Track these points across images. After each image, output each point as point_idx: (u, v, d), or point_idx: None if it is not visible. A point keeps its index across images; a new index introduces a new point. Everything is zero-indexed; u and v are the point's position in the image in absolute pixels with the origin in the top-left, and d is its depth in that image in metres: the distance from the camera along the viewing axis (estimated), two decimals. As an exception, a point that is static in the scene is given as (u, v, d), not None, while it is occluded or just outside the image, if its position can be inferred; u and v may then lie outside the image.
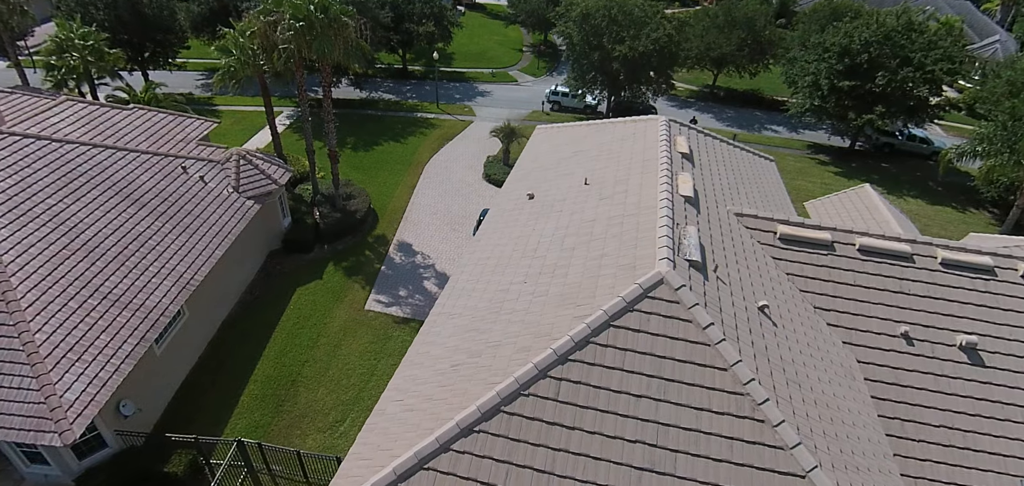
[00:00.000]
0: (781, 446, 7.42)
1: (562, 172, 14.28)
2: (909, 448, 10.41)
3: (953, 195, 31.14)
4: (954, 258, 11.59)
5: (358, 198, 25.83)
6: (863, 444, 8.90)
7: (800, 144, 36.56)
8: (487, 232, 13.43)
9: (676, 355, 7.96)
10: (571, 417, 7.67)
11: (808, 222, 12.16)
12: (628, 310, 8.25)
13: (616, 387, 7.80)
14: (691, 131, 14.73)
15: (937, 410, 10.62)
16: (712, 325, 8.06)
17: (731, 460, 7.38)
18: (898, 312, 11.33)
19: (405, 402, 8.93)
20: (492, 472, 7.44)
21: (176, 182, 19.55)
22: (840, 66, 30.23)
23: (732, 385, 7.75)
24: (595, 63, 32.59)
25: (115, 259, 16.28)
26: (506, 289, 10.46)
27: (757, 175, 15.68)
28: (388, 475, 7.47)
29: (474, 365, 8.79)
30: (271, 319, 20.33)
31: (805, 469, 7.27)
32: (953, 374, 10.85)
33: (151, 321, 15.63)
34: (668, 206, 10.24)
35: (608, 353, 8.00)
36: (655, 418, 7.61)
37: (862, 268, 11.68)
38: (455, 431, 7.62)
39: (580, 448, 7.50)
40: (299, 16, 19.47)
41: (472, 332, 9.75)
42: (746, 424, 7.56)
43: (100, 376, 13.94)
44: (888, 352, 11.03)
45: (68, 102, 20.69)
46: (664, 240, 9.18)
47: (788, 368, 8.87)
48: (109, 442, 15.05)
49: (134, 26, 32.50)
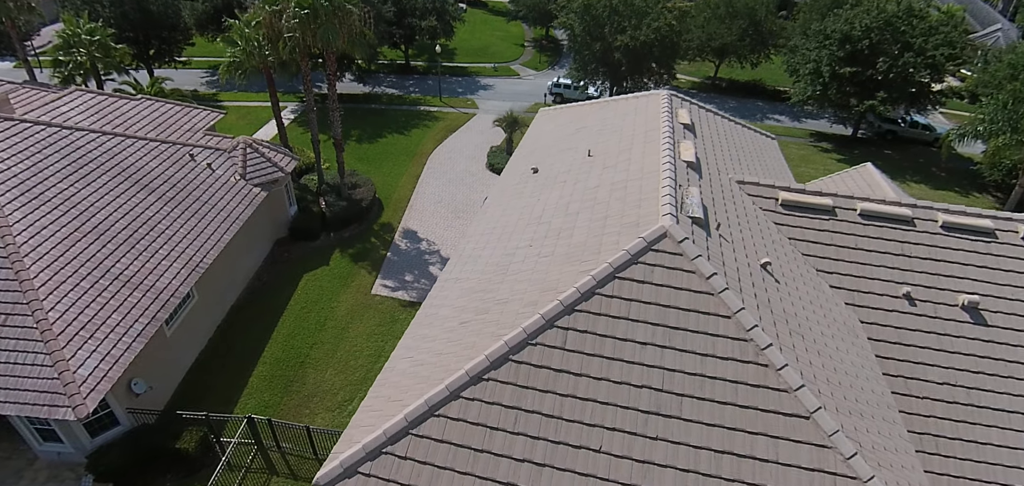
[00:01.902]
0: (785, 389, 7.56)
1: (565, 148, 14.46)
2: (913, 406, 10.54)
3: (956, 180, 31.19)
4: (955, 221, 11.71)
5: (363, 187, 26.06)
6: (867, 394, 9.03)
7: (802, 132, 36.66)
8: (492, 205, 13.61)
9: (680, 304, 8.11)
10: (578, 364, 7.83)
11: (810, 188, 12.31)
12: (632, 262, 8.41)
13: (621, 335, 7.96)
14: (693, 105, 14.89)
15: (940, 368, 10.74)
16: (715, 275, 8.22)
17: (736, 402, 7.53)
18: (900, 274, 11.46)
19: (415, 358, 9.11)
20: (501, 418, 7.60)
21: (184, 169, 19.80)
22: (841, 53, 30.34)
23: (736, 332, 7.90)
24: (597, 54, 32.76)
25: (126, 242, 16.52)
26: (512, 253, 10.64)
27: (759, 150, 15.82)
28: (399, 421, 7.65)
29: (482, 321, 8.96)
30: (279, 304, 20.55)
31: (809, 410, 7.42)
32: (955, 334, 10.97)
33: (161, 302, 15.85)
34: (670, 169, 10.41)
35: (614, 303, 8.17)
36: (660, 364, 7.77)
37: (863, 232, 11.82)
38: (465, 379, 7.79)
39: (587, 394, 7.66)
40: (304, 4, 19.72)
41: (479, 293, 9.93)
42: (750, 368, 7.71)
43: (112, 353, 14.16)
44: (891, 313, 11.16)
45: (77, 92, 20.99)
46: (667, 198, 9.34)
47: (791, 321, 9.01)
48: (121, 420, 15.28)
49: (139, 23, 32.85)
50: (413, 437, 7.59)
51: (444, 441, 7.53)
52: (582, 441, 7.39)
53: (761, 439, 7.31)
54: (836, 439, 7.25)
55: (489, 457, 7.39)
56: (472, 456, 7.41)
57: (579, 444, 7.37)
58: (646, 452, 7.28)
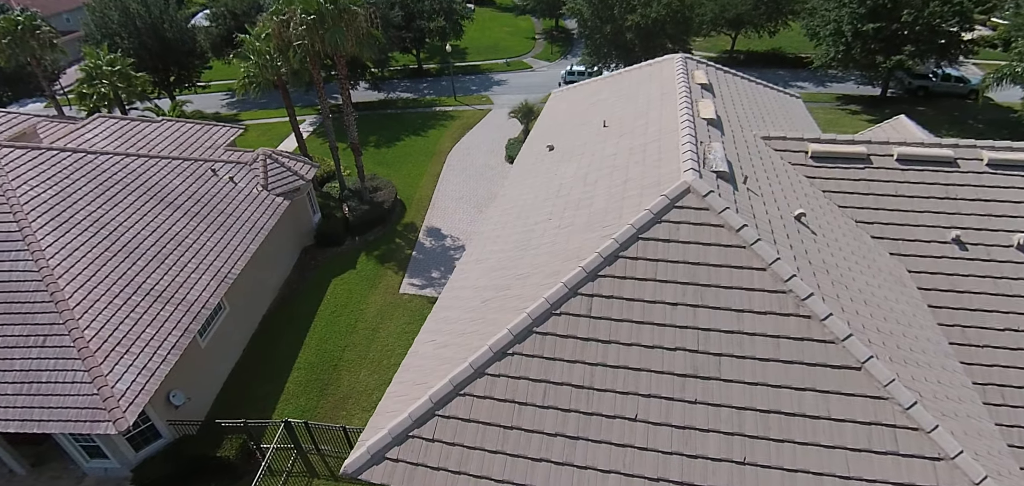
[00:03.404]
0: (831, 340, 7.07)
1: (579, 123, 14.10)
2: (973, 355, 9.82)
3: (996, 131, 29.55)
4: (1002, 158, 10.95)
5: (384, 190, 26.12)
6: (922, 343, 8.43)
7: (829, 97, 35.33)
8: (509, 187, 13.34)
9: (710, 260, 7.70)
10: (606, 331, 7.49)
11: (841, 138, 11.66)
12: (656, 222, 8.03)
13: (650, 298, 7.59)
14: (710, 66, 14.34)
15: (999, 313, 10.02)
16: (746, 226, 7.77)
17: (778, 358, 7.08)
18: (946, 218, 10.77)
19: (438, 341, 8.90)
20: (529, 392, 7.32)
21: (207, 184, 20.10)
22: (862, 9, 29.05)
23: (773, 284, 7.44)
24: (608, 37, 32.18)
25: (154, 257, 16.80)
26: (532, 229, 10.35)
27: (784, 108, 15.18)
28: (424, 403, 7.44)
29: (504, 297, 8.70)
30: (309, 309, 20.69)
31: (860, 360, 6.91)
32: (1014, 275, 10.22)
33: (193, 314, 16.05)
34: (690, 126, 9.97)
35: (639, 265, 7.80)
36: (694, 324, 7.37)
37: (903, 178, 11.15)
38: (489, 355, 7.54)
39: (618, 361, 7.32)
40: (310, 10, 19.81)
41: (500, 270, 9.67)
42: (791, 321, 7.24)
43: (148, 366, 14.36)
44: (940, 259, 10.49)
45: (99, 119, 21.54)
46: (688, 154, 8.92)
47: (832, 271, 8.48)
48: (163, 432, 15.50)
49: (158, 51, 33.71)
50: (440, 418, 7.37)
51: (471, 420, 7.29)
52: (616, 410, 7.05)
53: (809, 395, 6.86)
54: (892, 389, 6.74)
55: (519, 434, 7.12)
56: (501, 434, 7.16)
57: (614, 414, 7.04)
58: (686, 417, 6.90)
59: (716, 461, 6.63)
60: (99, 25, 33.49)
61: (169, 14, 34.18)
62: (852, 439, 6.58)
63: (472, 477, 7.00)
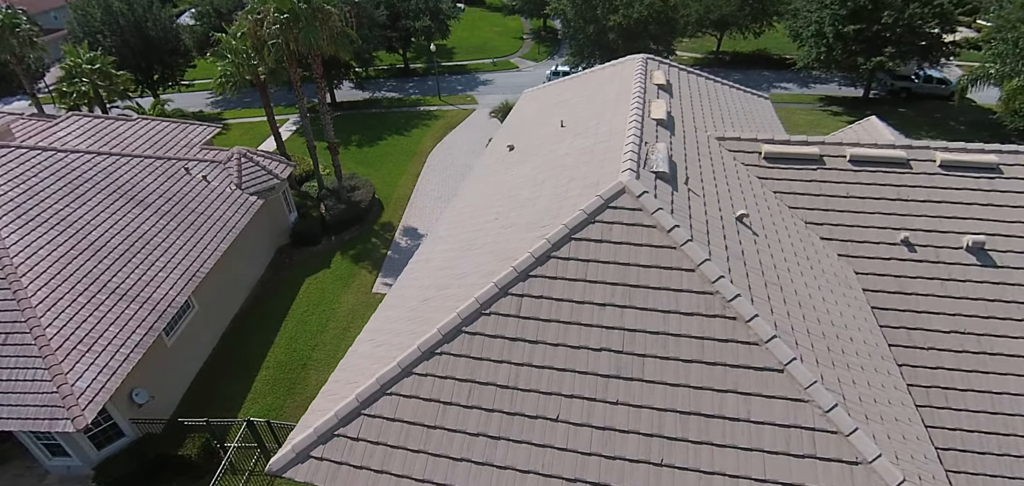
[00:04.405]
0: (755, 341, 7.06)
1: (542, 122, 14.09)
2: (918, 357, 9.81)
3: (976, 133, 29.58)
4: (954, 159, 10.94)
5: (362, 189, 26.09)
6: (857, 345, 8.42)
7: (811, 98, 35.37)
8: (467, 186, 13.33)
9: (640, 261, 7.68)
10: (534, 331, 7.48)
11: (795, 138, 11.66)
12: (590, 222, 8.02)
13: (579, 298, 7.57)
14: (674, 67, 14.33)
15: (946, 315, 10.00)
16: (677, 227, 7.76)
17: (702, 360, 7.07)
18: (897, 219, 10.75)
19: (376, 340, 8.89)
20: (455, 392, 7.31)
21: (179, 182, 20.05)
22: (843, 11, 29.08)
23: (701, 285, 7.43)
24: (591, 37, 32.20)
25: (121, 256, 16.76)
26: (479, 229, 10.34)
27: (749, 109, 15.16)
28: (350, 402, 7.43)
29: (442, 296, 8.69)
30: (281, 309, 20.65)
31: (782, 362, 6.90)
32: (961, 277, 10.21)
33: (158, 312, 16.01)
34: (636, 126, 9.96)
35: (570, 265, 7.79)
36: (620, 325, 7.36)
37: (855, 179, 11.14)
38: (416, 355, 7.53)
39: (543, 361, 7.31)
40: (283, 9, 19.78)
41: (444, 270, 9.66)
42: (716, 322, 7.23)
43: (110, 365, 14.33)
44: (888, 261, 10.47)
45: (74, 117, 21.48)
46: (629, 155, 8.91)
47: (768, 272, 8.47)
48: (125, 430, 15.47)
49: (141, 50, 33.63)
50: (365, 417, 7.36)
51: (397, 419, 7.28)
52: (539, 411, 7.04)
53: (730, 397, 6.84)
54: (813, 391, 6.72)
55: (443, 433, 7.10)
56: (425, 433, 7.14)
57: (536, 414, 7.03)
58: (607, 418, 6.89)
59: (634, 462, 6.61)
60: (81, 23, 33.41)
61: (152, 12, 34.11)
62: (770, 441, 6.57)
63: (393, 476, 6.98)
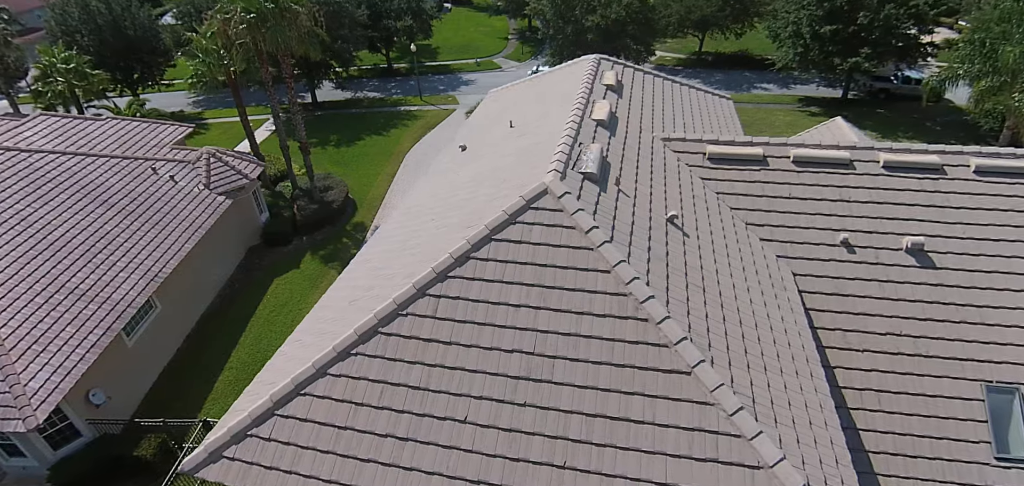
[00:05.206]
0: (664, 343, 7.04)
1: (496, 122, 14.08)
2: (853, 359, 9.85)
3: (953, 132, 29.70)
4: (897, 160, 10.97)
5: (336, 189, 26.05)
6: (780, 348, 8.42)
7: (791, 98, 35.42)
8: (418, 186, 13.31)
9: (558, 262, 7.67)
10: (448, 332, 7.46)
11: (740, 139, 11.65)
12: (510, 223, 8.01)
13: (495, 299, 7.56)
14: (627, 68, 14.32)
15: (883, 317, 10.03)
16: (596, 229, 7.74)
17: (611, 362, 7.05)
18: (838, 220, 10.78)
19: (302, 341, 8.87)
20: (367, 393, 7.29)
21: (145, 182, 19.98)
22: (820, 11, 29.13)
23: (615, 286, 7.42)
24: (570, 37, 32.19)
25: (83, 256, 16.70)
26: (417, 229, 10.33)
27: (706, 110, 15.16)
28: (264, 403, 7.41)
29: (369, 297, 8.68)
30: (248, 310, 20.59)
31: (690, 365, 6.88)
32: (899, 279, 10.25)
33: (117, 313, 15.96)
34: (573, 126, 9.95)
35: (488, 266, 7.77)
36: (534, 326, 7.34)
37: (798, 180, 11.16)
38: (332, 355, 7.52)
39: (456, 362, 7.29)
40: (250, 8, 19.73)
41: (378, 270, 9.64)
42: (628, 324, 7.22)
43: (65, 365, 14.30)
44: (827, 262, 10.49)
45: (43, 117, 21.40)
46: (558, 155, 8.90)
47: (692, 274, 8.46)
48: (82, 431, 15.41)
49: (121, 49, 33.52)
50: (278, 418, 7.35)
51: (308, 420, 7.27)
52: (448, 412, 7.03)
53: (637, 399, 6.83)
54: (719, 394, 6.71)
55: (352, 434, 7.09)
56: (335, 434, 7.13)
57: (444, 416, 7.02)
58: (514, 420, 6.88)
59: (537, 464, 6.60)
60: (59, 22, 33.30)
61: (131, 11, 33.99)
62: (674, 445, 6.56)
63: (302, 477, 6.97)
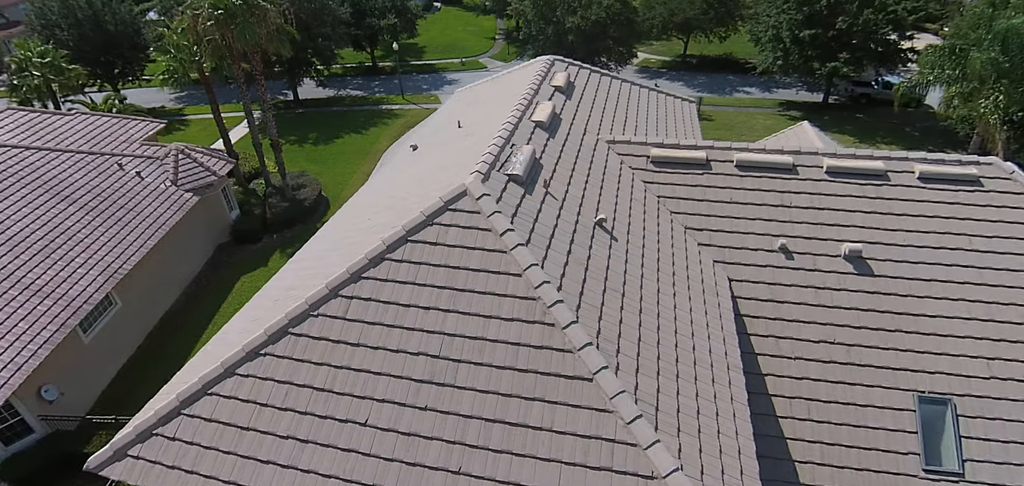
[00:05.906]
0: (569, 349, 6.99)
1: (451, 122, 14.01)
2: (784, 367, 9.81)
3: (931, 138, 29.74)
4: (841, 165, 10.93)
5: (308, 187, 25.99)
6: (699, 355, 8.36)
7: (772, 103, 35.44)
8: (365, 187, 13.25)
9: (470, 265, 7.62)
10: (357, 334, 7.41)
11: (684, 143, 11.61)
12: (427, 224, 7.95)
13: (406, 301, 7.51)
14: (582, 69, 14.27)
15: (817, 324, 10.00)
16: (511, 231, 7.69)
17: (515, 367, 6.99)
18: (777, 226, 10.73)
19: (226, 341, 8.80)
20: (271, 393, 7.25)
21: (110, 178, 19.90)
22: (800, 16, 29.14)
23: (525, 290, 7.37)
24: (551, 38, 32.15)
25: (40, 252, 16.62)
26: (350, 229, 10.28)
27: (662, 114, 15.13)
28: (171, 402, 7.35)
29: (289, 297, 8.61)
30: (213, 307, 20.52)
31: (592, 371, 6.83)
32: (836, 286, 10.21)
33: (73, 309, 15.89)
34: (509, 128, 9.90)
35: (402, 268, 7.72)
36: (442, 329, 7.29)
37: (740, 184, 11.12)
38: (241, 355, 7.47)
39: (362, 365, 7.24)
40: (218, 5, 19.66)
41: (305, 269, 9.57)
42: (535, 329, 7.16)
43: (15, 361, 14.24)
44: (764, 268, 10.45)
45: (9, 112, 21.31)
46: (486, 157, 8.84)
47: (613, 278, 8.41)
48: (35, 427, 15.35)
49: (100, 43, 33.39)
50: (184, 417, 7.30)
51: (213, 420, 7.22)
52: (349, 415, 6.98)
53: (537, 405, 6.78)
54: (618, 401, 6.64)
55: (255, 435, 7.05)
56: (238, 434, 7.08)
57: (346, 418, 6.97)
58: (413, 424, 6.83)
59: (433, 469, 6.56)
60: (39, 16, 33.18)
61: (111, 6, 33.87)
62: (570, 452, 6.50)
63: (202, 477, 6.92)
